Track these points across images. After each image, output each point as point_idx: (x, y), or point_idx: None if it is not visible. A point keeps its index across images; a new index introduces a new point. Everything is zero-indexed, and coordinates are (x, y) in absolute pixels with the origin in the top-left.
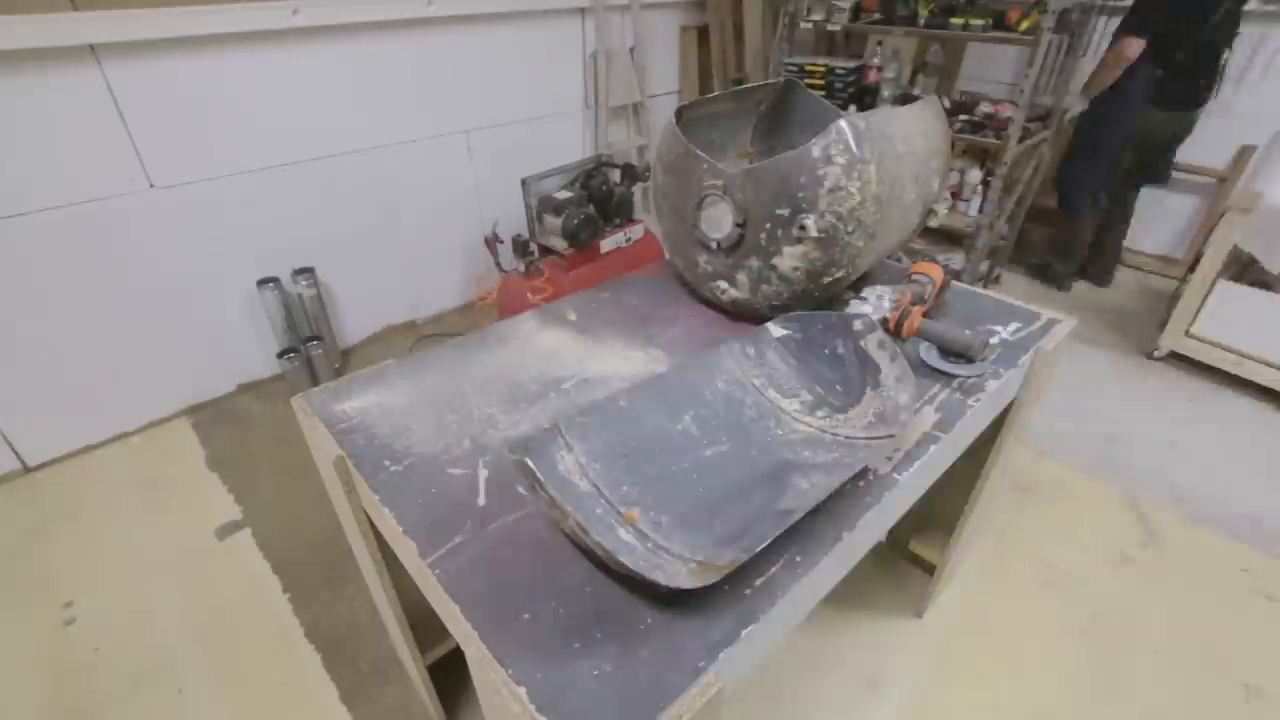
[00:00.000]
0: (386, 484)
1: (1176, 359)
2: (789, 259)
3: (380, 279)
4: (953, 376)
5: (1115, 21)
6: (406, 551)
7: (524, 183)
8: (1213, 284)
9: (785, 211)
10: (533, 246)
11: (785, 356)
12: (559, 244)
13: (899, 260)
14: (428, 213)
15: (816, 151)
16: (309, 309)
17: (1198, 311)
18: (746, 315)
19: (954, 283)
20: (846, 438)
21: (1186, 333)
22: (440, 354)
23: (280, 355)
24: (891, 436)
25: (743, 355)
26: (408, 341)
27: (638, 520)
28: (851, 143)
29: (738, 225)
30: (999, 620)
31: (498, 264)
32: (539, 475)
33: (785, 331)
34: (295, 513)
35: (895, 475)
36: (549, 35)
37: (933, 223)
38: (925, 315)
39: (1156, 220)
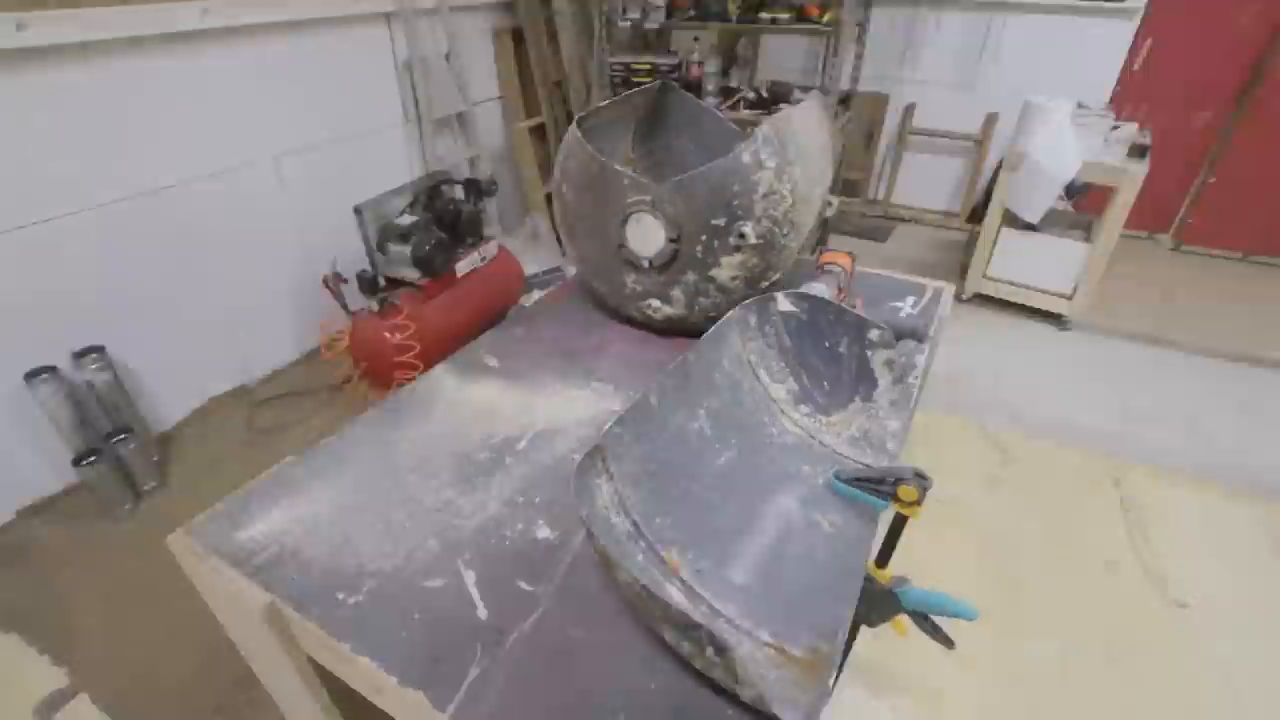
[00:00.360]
0: (349, 623)
1: (980, 299)
2: (727, 269)
3: (192, 344)
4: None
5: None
6: (409, 707)
7: (358, 211)
8: (998, 231)
9: (721, 221)
10: (381, 280)
11: (783, 333)
12: (410, 274)
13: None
14: (240, 257)
15: (747, 157)
16: (104, 397)
17: (990, 256)
18: (681, 331)
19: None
20: (833, 451)
21: (984, 275)
22: (351, 438)
23: (77, 462)
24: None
25: (743, 322)
26: (241, 410)
27: (680, 570)
28: (779, 146)
29: (671, 241)
30: (914, 554)
31: (344, 306)
32: (591, 530)
33: (792, 308)
34: (145, 657)
35: None
36: (354, 45)
37: (829, 213)
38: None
39: (933, 181)
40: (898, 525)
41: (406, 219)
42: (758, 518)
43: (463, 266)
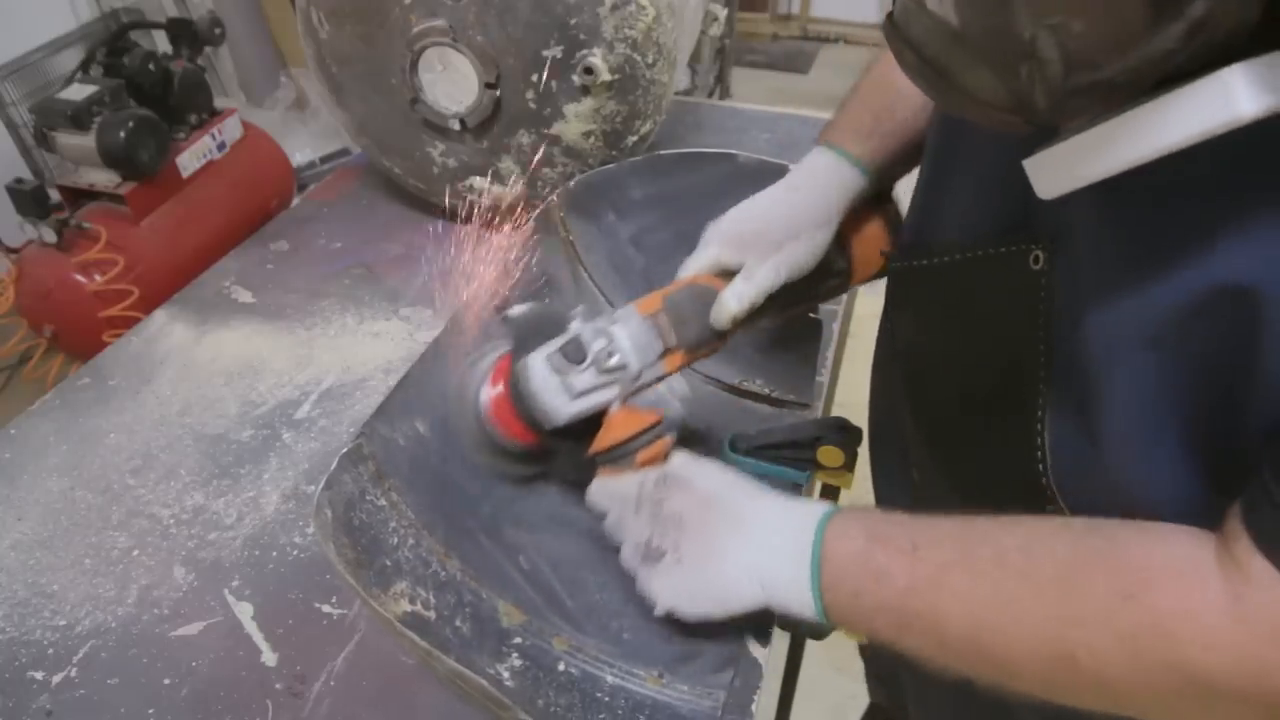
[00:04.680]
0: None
1: None
2: (576, 122)
3: None
4: None
5: None
6: None
7: None
8: None
9: (557, 51)
10: (52, 194)
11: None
12: (102, 178)
13: None
14: None
15: None
16: None
17: None
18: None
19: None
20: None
21: None
22: (26, 438)
23: None
24: None
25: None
26: None
27: (569, 645)
28: None
29: (488, 86)
30: None
31: None
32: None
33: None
34: None
35: None
36: None
37: (716, 31)
38: None
39: None
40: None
41: (79, 89)
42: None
43: (188, 160)
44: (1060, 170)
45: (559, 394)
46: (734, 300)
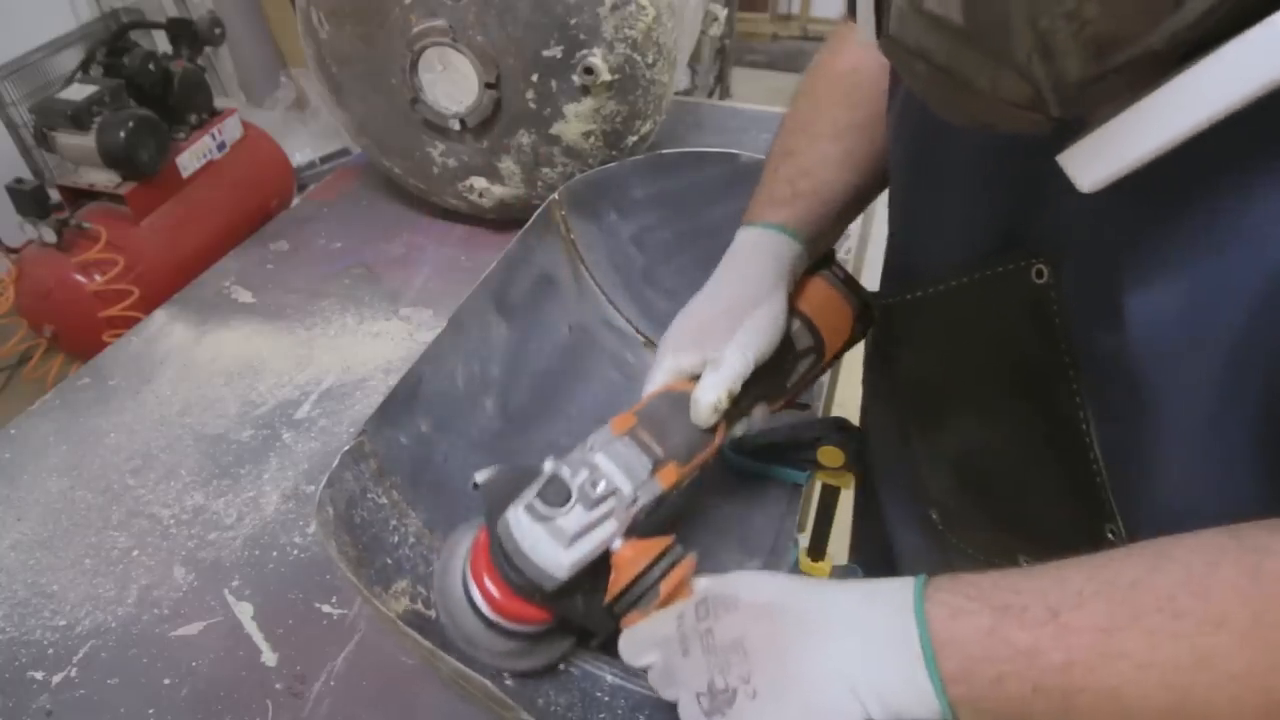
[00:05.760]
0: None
1: None
2: (576, 122)
3: None
4: None
5: None
6: None
7: None
8: None
9: (557, 51)
10: (53, 194)
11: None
12: (104, 179)
13: None
14: None
15: None
16: None
17: None
18: (522, 220)
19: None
20: None
21: None
22: (26, 438)
23: None
24: None
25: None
26: None
27: None
28: None
29: (488, 86)
30: None
31: None
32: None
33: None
34: None
35: None
36: None
37: (716, 31)
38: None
39: None
40: (828, 500)
41: (79, 89)
42: None
43: (188, 160)
44: (1102, 158)
45: (550, 545)
46: (709, 392)
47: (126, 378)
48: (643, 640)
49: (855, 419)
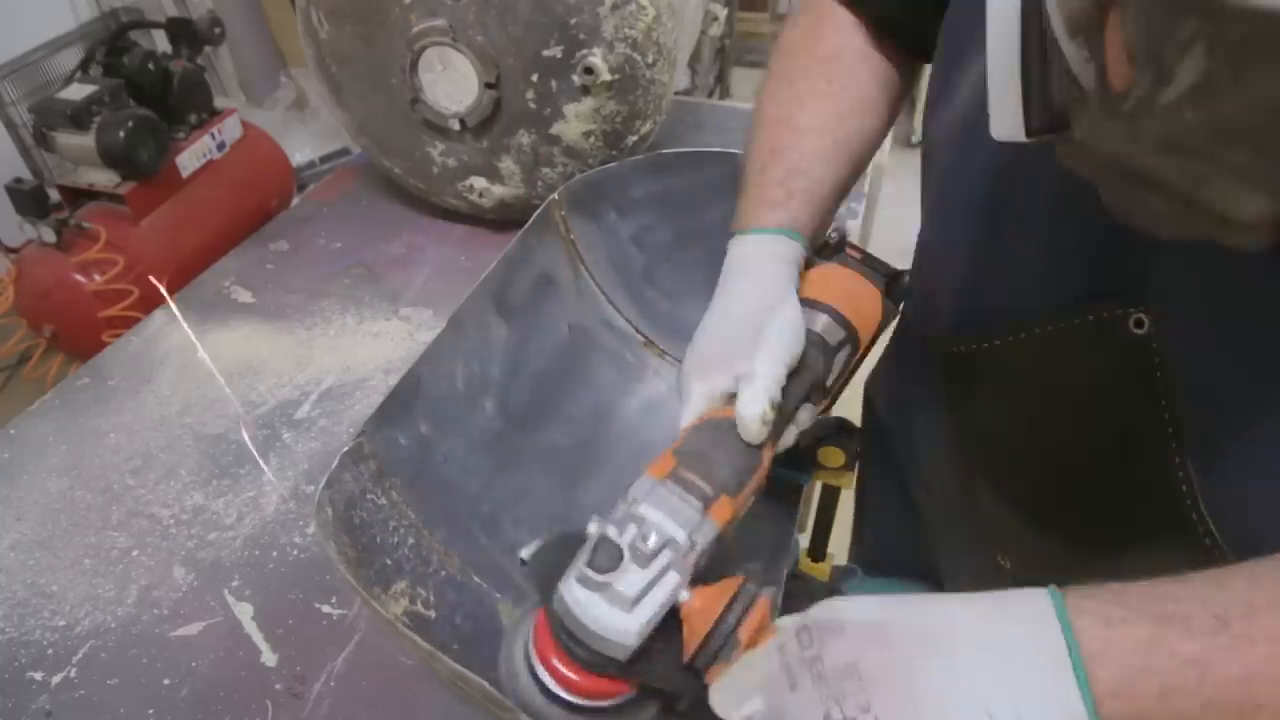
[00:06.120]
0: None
1: None
2: (576, 122)
3: None
4: None
5: None
6: None
7: None
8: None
9: (557, 51)
10: (52, 194)
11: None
12: (103, 179)
13: None
14: None
15: None
16: None
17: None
18: (522, 220)
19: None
20: None
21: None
22: (26, 438)
23: None
24: None
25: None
26: None
27: None
28: None
29: (488, 86)
30: None
31: None
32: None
33: None
34: None
35: None
36: None
37: (716, 31)
38: None
39: None
40: (828, 501)
41: (79, 89)
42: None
43: (188, 160)
44: None
45: (612, 613)
46: (752, 405)
47: (126, 378)
48: (740, 686)
49: (856, 419)
